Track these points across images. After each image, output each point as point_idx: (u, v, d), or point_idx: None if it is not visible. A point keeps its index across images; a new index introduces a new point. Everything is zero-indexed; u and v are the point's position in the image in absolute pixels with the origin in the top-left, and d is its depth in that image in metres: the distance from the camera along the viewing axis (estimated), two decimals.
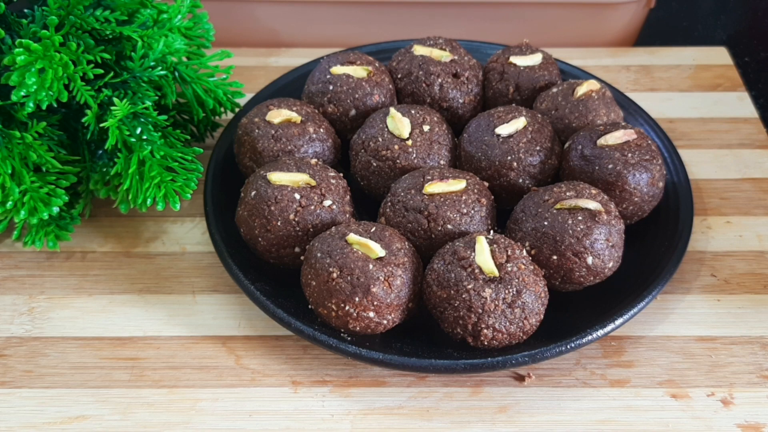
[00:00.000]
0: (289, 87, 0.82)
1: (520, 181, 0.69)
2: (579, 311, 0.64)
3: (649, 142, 0.69)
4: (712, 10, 1.12)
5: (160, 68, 0.69)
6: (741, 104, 0.88)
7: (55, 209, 0.66)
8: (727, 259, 0.72)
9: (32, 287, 0.69)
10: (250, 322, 0.66)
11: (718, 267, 0.71)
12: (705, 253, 0.72)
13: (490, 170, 0.69)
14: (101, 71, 0.65)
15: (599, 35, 0.96)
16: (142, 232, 0.74)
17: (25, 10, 0.64)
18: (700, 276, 0.70)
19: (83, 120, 0.64)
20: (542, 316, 0.60)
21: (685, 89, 0.90)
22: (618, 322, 0.61)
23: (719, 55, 0.94)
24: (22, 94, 0.60)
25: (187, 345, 0.65)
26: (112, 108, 0.62)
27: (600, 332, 0.61)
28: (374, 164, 0.70)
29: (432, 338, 0.62)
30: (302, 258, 0.63)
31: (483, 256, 0.59)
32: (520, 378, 0.62)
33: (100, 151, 0.70)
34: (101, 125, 0.63)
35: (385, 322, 0.60)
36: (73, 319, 0.66)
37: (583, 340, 0.60)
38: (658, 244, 0.68)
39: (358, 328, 0.60)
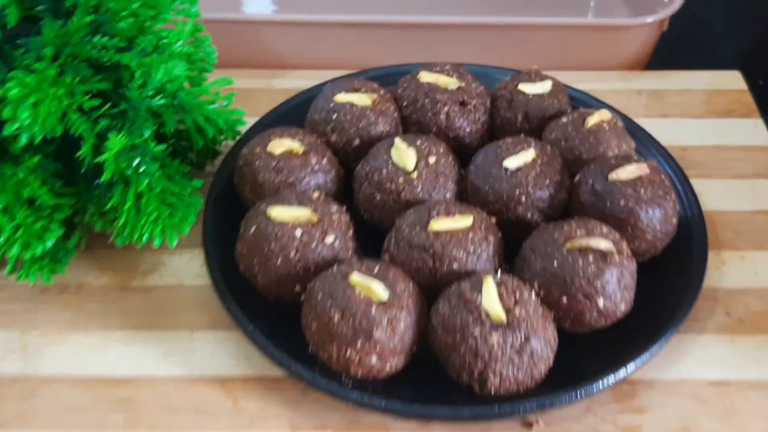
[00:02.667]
0: (292, 113, 0.80)
1: (529, 215, 0.67)
2: (589, 354, 0.62)
3: (663, 177, 0.67)
4: (725, 30, 1.10)
5: (159, 97, 0.67)
6: (756, 131, 0.85)
7: (49, 243, 0.64)
8: (742, 296, 0.69)
9: (25, 322, 0.67)
10: (249, 360, 0.64)
11: (732, 305, 0.69)
12: (719, 290, 0.70)
13: (498, 204, 0.67)
14: (98, 102, 0.63)
15: (610, 58, 0.93)
16: (139, 264, 0.72)
17: (18, 41, 0.62)
18: (714, 315, 0.68)
19: (78, 154, 0.62)
20: (551, 362, 0.58)
21: (698, 115, 0.88)
22: (630, 368, 0.59)
23: (733, 80, 0.92)
24: (15, 128, 0.58)
25: (183, 385, 0.63)
26: (107, 143, 0.60)
27: (612, 379, 0.59)
28: (378, 197, 0.68)
29: (437, 382, 0.59)
30: (303, 298, 0.61)
31: (490, 299, 0.57)
32: (528, 425, 0.60)
33: (97, 181, 0.68)
34: (97, 160, 0.61)
35: (388, 366, 0.58)
36: (67, 357, 0.64)
37: (594, 388, 0.58)
38: (672, 282, 0.66)
39: (360, 373, 0.58)
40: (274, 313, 0.64)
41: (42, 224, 0.63)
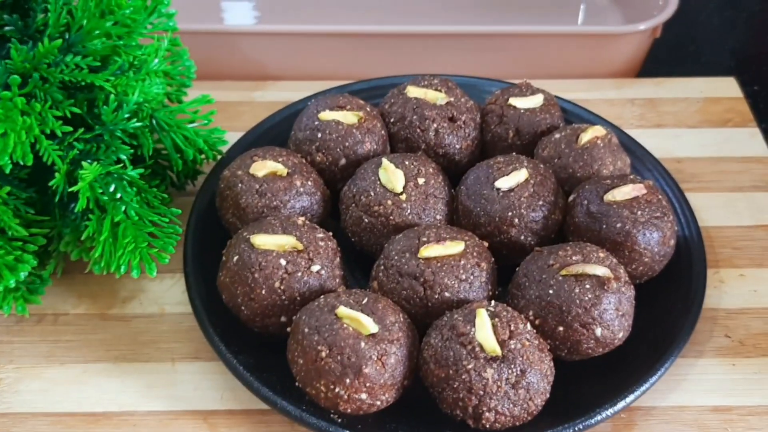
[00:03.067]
0: (275, 129, 0.77)
1: (522, 238, 0.65)
2: (587, 383, 0.60)
3: (660, 197, 0.64)
4: (719, 35, 1.08)
5: (135, 119, 0.64)
6: (752, 141, 0.83)
7: (23, 275, 0.61)
8: (742, 317, 0.68)
9: (0, 355, 0.64)
10: (234, 393, 0.62)
11: (732, 326, 0.67)
12: (718, 311, 0.68)
13: (490, 226, 0.65)
14: (70, 128, 0.60)
15: (602, 66, 0.91)
16: (118, 291, 0.69)
17: None
18: (714, 337, 0.66)
19: (51, 183, 0.59)
20: (548, 395, 0.56)
21: (694, 125, 0.86)
22: (629, 399, 0.57)
23: (728, 87, 0.90)
24: None
25: (165, 421, 0.60)
26: (81, 172, 0.58)
27: (610, 411, 0.57)
28: (366, 220, 0.65)
29: (430, 418, 0.57)
30: (288, 329, 0.58)
31: (484, 331, 0.55)
32: None
33: (72, 205, 0.65)
34: (70, 189, 0.58)
35: (378, 403, 0.56)
36: (43, 392, 0.62)
37: (592, 421, 0.56)
38: (670, 306, 0.64)
39: (349, 410, 0.55)
40: (259, 344, 0.61)
41: (15, 255, 0.60)
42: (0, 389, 0.62)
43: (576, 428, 0.55)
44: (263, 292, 0.59)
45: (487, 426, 0.55)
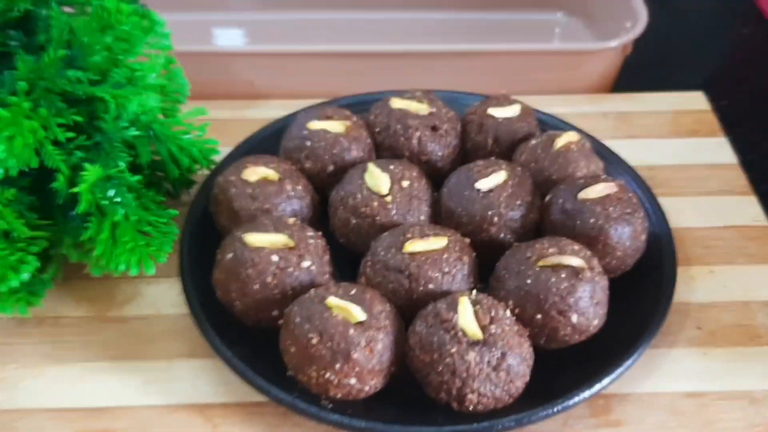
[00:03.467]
0: (266, 142, 0.80)
1: (501, 236, 0.68)
2: (565, 370, 0.62)
3: (630, 194, 0.68)
4: (687, 52, 1.13)
5: (134, 128, 0.67)
6: (720, 150, 0.87)
7: (26, 276, 0.64)
8: (712, 310, 0.71)
9: (2, 356, 0.66)
10: (228, 387, 0.64)
11: (703, 319, 0.70)
12: (689, 305, 0.71)
13: (471, 225, 0.68)
14: (73, 134, 0.63)
15: (576, 82, 0.95)
16: (115, 295, 0.72)
17: None
18: (685, 329, 0.69)
19: (53, 185, 0.62)
20: (528, 378, 0.59)
21: (664, 135, 0.90)
22: (605, 381, 0.60)
23: (697, 101, 0.95)
24: None
25: (163, 414, 0.62)
26: (83, 173, 0.61)
27: (587, 393, 0.59)
28: (353, 221, 0.69)
29: (416, 402, 0.60)
30: (281, 322, 0.61)
31: (466, 318, 0.58)
32: None
33: (73, 212, 0.68)
34: (72, 190, 0.62)
35: (367, 388, 0.58)
36: (45, 389, 0.64)
37: (570, 402, 0.59)
38: (643, 298, 0.67)
39: (339, 395, 0.58)
40: (252, 338, 0.64)
41: (18, 257, 0.63)
42: (3, 387, 0.64)
43: (555, 409, 0.58)
44: (256, 287, 0.62)
45: (471, 408, 0.57)
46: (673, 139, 0.89)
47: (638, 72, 1.03)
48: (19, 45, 0.67)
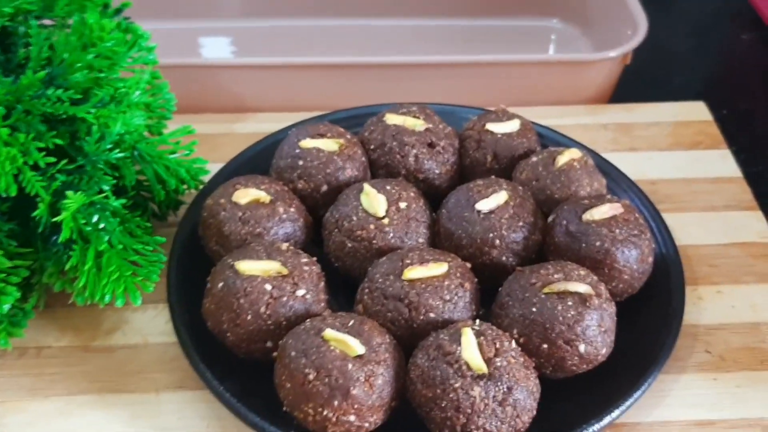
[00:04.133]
0: (257, 159, 0.78)
1: (503, 258, 0.66)
2: (572, 401, 0.60)
3: (637, 215, 0.66)
4: (687, 61, 1.10)
5: (117, 150, 0.64)
6: (724, 163, 0.85)
7: (6, 307, 0.61)
8: (721, 332, 0.69)
9: None
10: (220, 422, 0.61)
11: (713, 342, 0.68)
12: (698, 327, 0.69)
13: (472, 248, 0.66)
14: (53, 159, 0.60)
15: (575, 93, 0.93)
16: (101, 323, 0.69)
17: None
18: (695, 353, 0.67)
19: (34, 214, 0.59)
20: (534, 412, 0.57)
21: (666, 148, 0.88)
22: (615, 413, 0.58)
23: (698, 111, 0.92)
24: None
25: None
26: (65, 201, 0.58)
27: (596, 426, 0.57)
28: (349, 245, 0.66)
29: None
30: (274, 354, 0.58)
31: (470, 350, 0.55)
32: None
33: (55, 238, 0.65)
34: (54, 219, 0.58)
35: (366, 424, 0.56)
36: (28, 426, 0.61)
37: None
38: (651, 322, 0.65)
39: None
40: (245, 369, 0.61)
41: None
42: None
43: None
44: (249, 317, 0.59)
45: None
46: (675, 152, 0.87)
47: (635, 80, 1.01)
48: None
